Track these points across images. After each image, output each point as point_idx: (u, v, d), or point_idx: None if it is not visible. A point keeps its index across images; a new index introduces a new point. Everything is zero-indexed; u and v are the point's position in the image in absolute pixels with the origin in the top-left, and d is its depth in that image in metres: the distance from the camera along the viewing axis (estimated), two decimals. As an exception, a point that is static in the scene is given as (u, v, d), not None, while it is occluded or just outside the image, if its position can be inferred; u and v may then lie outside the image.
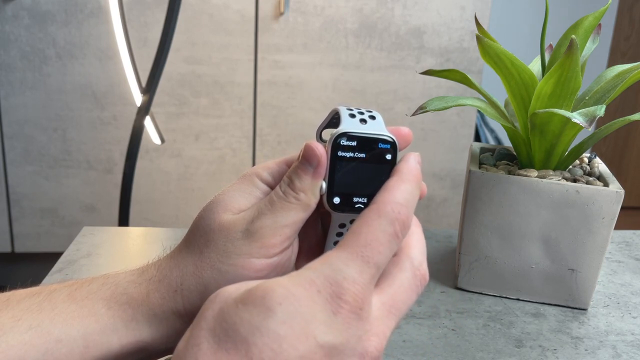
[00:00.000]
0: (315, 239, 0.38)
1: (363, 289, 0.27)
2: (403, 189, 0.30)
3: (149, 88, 1.18)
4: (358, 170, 0.34)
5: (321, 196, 0.35)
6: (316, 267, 0.27)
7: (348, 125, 0.34)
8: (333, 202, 0.34)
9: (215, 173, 1.75)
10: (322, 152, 0.34)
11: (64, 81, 1.62)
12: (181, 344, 0.27)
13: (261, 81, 1.68)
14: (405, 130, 0.36)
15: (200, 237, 0.35)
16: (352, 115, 0.35)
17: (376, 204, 0.30)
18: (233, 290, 0.28)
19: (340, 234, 0.37)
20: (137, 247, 0.69)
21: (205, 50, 1.63)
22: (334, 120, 0.37)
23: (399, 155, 0.35)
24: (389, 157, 0.34)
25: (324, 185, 0.34)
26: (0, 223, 1.72)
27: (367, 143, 0.34)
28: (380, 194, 0.30)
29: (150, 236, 0.71)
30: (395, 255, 0.31)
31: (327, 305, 0.26)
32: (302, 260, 0.37)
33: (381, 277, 0.30)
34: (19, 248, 1.75)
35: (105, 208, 1.74)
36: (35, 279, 0.46)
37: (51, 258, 0.74)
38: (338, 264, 0.27)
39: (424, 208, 1.87)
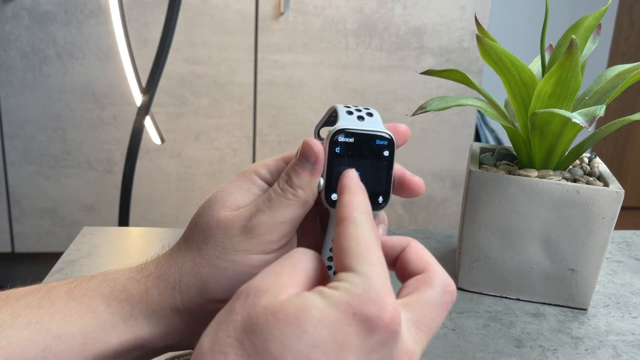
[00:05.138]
0: (313, 236, 0.38)
1: (396, 306, 0.27)
2: (358, 200, 0.32)
3: (149, 88, 1.18)
4: (356, 166, 0.34)
5: (319, 193, 0.35)
6: (347, 288, 0.26)
7: (345, 122, 0.34)
8: (331, 198, 0.34)
9: (215, 173, 1.75)
10: (319, 148, 0.34)
11: (64, 81, 1.62)
12: (206, 344, 0.26)
13: (261, 81, 1.68)
14: (403, 127, 0.36)
15: (198, 233, 0.35)
16: (350, 113, 0.35)
17: (339, 216, 0.30)
18: (260, 289, 0.27)
19: None
20: (137, 247, 0.69)
21: (205, 50, 1.63)
22: (331, 118, 0.37)
23: (397, 152, 0.35)
24: (386, 153, 0.34)
25: (322, 181, 0.34)
26: (0, 223, 1.72)
27: (364, 139, 0.34)
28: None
29: (150, 236, 0.71)
30: (420, 273, 0.31)
31: (362, 327, 0.26)
32: None
33: (405, 292, 0.30)
34: (19, 248, 1.75)
35: (105, 208, 1.74)
36: (35, 279, 0.46)
37: (51, 258, 0.74)
38: (371, 281, 0.27)
39: (424, 208, 1.87)
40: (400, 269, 0.32)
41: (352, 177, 0.33)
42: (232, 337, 0.26)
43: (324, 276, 0.30)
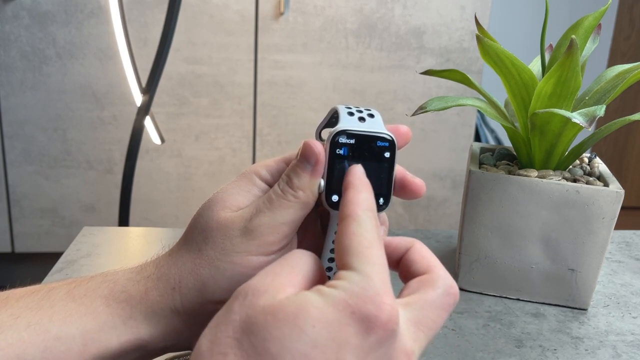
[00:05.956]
0: (314, 237, 0.38)
1: (394, 305, 0.27)
2: (363, 197, 0.32)
3: (149, 88, 1.18)
4: None
5: (320, 194, 0.34)
6: (346, 287, 0.26)
7: (346, 123, 0.34)
8: (331, 200, 0.34)
9: (215, 173, 1.75)
10: (320, 150, 0.34)
11: (64, 81, 1.62)
12: (204, 344, 0.26)
13: (261, 81, 1.68)
14: (404, 128, 0.36)
15: (198, 234, 0.35)
16: (351, 114, 0.35)
17: (342, 213, 0.30)
18: (258, 290, 0.27)
19: None
20: (137, 247, 0.69)
21: (205, 50, 1.63)
22: (333, 119, 0.37)
23: (398, 154, 0.35)
24: (387, 155, 0.34)
25: (322, 183, 0.34)
26: (0, 223, 1.72)
27: (365, 141, 0.34)
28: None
29: (150, 236, 0.71)
30: (423, 274, 0.31)
31: (360, 326, 0.26)
32: None
33: (407, 292, 0.30)
34: (19, 248, 1.75)
35: (105, 208, 1.74)
36: (35, 279, 0.46)
37: (51, 258, 0.74)
38: (370, 280, 0.27)
39: (424, 208, 1.87)
40: (403, 269, 0.32)
41: (357, 174, 0.33)
42: (231, 337, 0.26)
43: (322, 277, 0.30)
